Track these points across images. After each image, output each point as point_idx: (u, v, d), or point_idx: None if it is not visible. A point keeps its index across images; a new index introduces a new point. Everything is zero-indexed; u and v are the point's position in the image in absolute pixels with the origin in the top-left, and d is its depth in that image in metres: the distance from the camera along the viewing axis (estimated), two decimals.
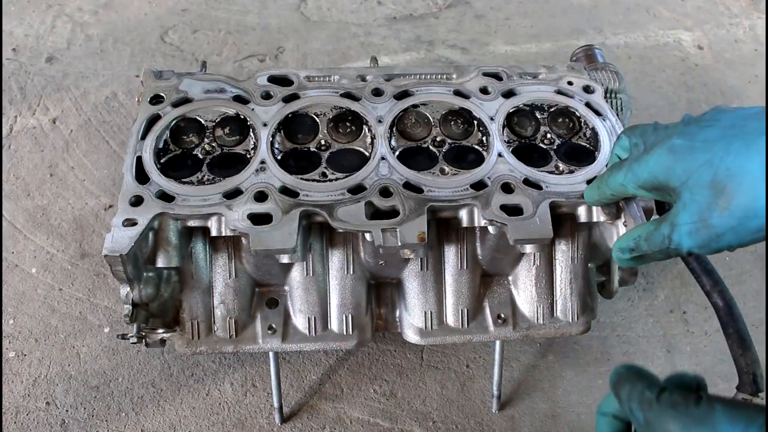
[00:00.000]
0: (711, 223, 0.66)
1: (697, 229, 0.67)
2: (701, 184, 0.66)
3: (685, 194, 0.69)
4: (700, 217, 0.66)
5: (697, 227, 0.67)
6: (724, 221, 0.65)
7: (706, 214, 0.66)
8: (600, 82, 1.29)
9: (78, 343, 1.39)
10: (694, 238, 0.68)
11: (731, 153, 0.64)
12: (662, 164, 0.72)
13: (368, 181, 1.10)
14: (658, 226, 0.75)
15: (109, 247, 0.98)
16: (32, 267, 1.50)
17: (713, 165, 0.65)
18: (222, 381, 1.35)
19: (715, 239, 0.66)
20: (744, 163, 0.63)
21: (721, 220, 0.65)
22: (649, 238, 0.77)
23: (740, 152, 0.64)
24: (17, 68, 1.90)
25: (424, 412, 1.33)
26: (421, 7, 2.21)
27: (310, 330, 1.17)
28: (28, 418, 1.29)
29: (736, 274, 1.57)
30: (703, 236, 0.67)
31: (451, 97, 1.24)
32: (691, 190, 0.68)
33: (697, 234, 0.68)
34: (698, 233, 0.67)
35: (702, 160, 0.67)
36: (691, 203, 0.68)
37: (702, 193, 0.66)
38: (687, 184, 0.68)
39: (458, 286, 1.18)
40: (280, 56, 2.01)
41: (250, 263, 1.14)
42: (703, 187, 0.66)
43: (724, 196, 0.64)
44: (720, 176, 0.64)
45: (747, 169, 0.62)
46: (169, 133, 1.18)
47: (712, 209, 0.65)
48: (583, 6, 2.25)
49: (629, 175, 0.79)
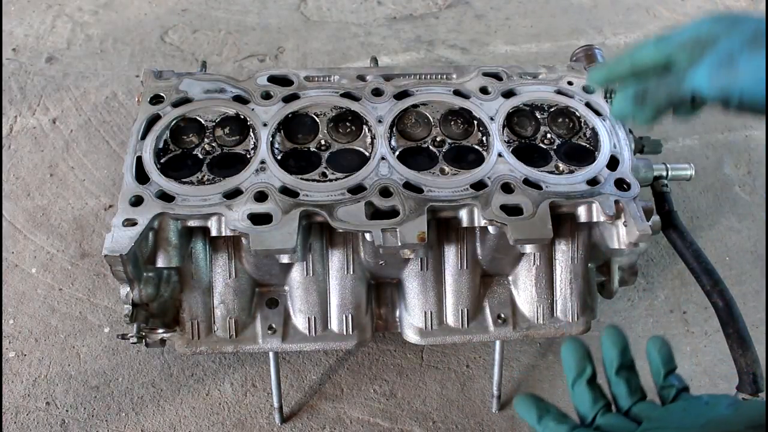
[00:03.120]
0: (737, 59, 0.64)
1: (720, 64, 0.64)
2: (743, 31, 0.65)
3: (722, 39, 0.67)
4: (729, 54, 0.65)
5: (721, 61, 0.65)
6: (750, 62, 0.63)
7: (737, 52, 0.64)
8: None
9: (78, 343, 1.39)
10: (714, 70, 0.65)
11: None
12: (707, 22, 0.69)
13: (368, 181, 1.10)
14: (673, 62, 0.71)
15: (109, 247, 0.98)
16: (32, 267, 1.50)
17: (758, 28, 0.65)
18: (222, 381, 1.35)
19: (733, 77, 0.63)
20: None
21: (748, 60, 0.63)
22: (662, 75, 0.71)
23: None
24: (17, 68, 1.90)
25: (424, 412, 1.33)
26: (421, 7, 2.21)
27: (310, 330, 1.17)
28: (28, 418, 1.29)
29: (736, 274, 1.57)
30: (723, 70, 0.64)
31: (451, 97, 1.24)
32: (729, 35, 0.66)
33: (719, 67, 0.64)
34: (720, 66, 0.64)
35: (750, 20, 0.67)
36: (725, 43, 0.66)
37: (740, 36, 0.65)
38: (729, 32, 0.67)
39: (458, 286, 1.18)
40: (280, 56, 2.01)
41: (250, 263, 1.14)
42: (743, 32, 0.65)
43: (761, 41, 0.63)
44: (761, 29, 0.64)
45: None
46: (169, 133, 1.18)
47: (744, 49, 0.64)
48: (583, 6, 2.25)
49: (661, 43, 0.73)
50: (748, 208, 1.71)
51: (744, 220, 1.68)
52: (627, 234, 1.08)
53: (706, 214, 1.69)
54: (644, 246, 1.10)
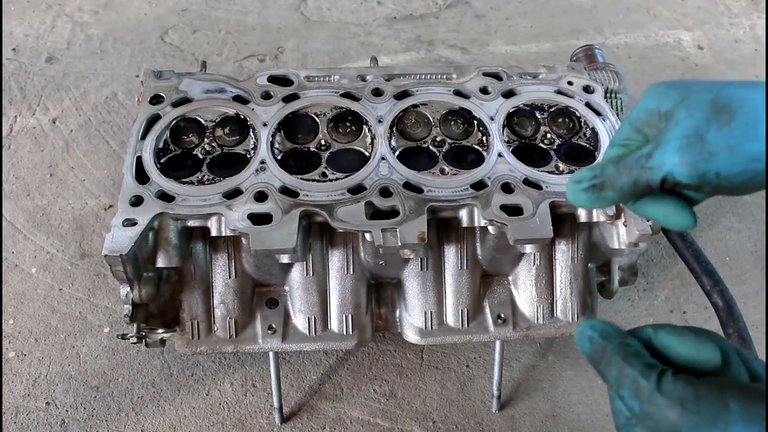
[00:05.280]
0: (707, 138, 0.58)
1: (689, 144, 0.59)
2: (700, 101, 0.60)
3: (680, 111, 0.61)
4: (696, 132, 0.59)
5: (689, 141, 0.59)
6: (721, 138, 0.57)
7: (703, 129, 0.59)
8: (600, 82, 1.29)
9: (78, 343, 1.39)
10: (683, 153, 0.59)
11: (731, 85, 0.60)
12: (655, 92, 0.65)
13: (368, 181, 1.10)
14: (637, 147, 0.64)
15: (109, 247, 0.98)
16: (32, 267, 1.50)
17: (713, 90, 0.60)
18: (222, 381, 1.35)
19: (706, 158, 0.58)
20: (745, 91, 0.59)
21: (718, 137, 0.57)
22: (622, 158, 0.63)
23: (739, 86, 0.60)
24: (17, 68, 1.90)
25: (424, 412, 1.33)
26: (421, 7, 2.21)
27: (310, 330, 1.17)
28: (28, 418, 1.28)
29: (736, 274, 1.57)
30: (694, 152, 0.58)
31: (451, 97, 1.24)
32: (687, 107, 0.61)
33: (688, 149, 0.59)
34: (689, 147, 0.59)
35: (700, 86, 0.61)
36: (686, 119, 0.60)
37: (700, 109, 0.60)
38: (683, 103, 0.61)
39: (458, 286, 1.18)
40: (280, 56, 2.01)
41: (250, 263, 1.14)
42: (701, 103, 0.60)
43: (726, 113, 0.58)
44: (721, 98, 0.59)
45: (748, 96, 0.58)
46: (169, 133, 1.18)
47: (710, 124, 0.58)
48: (583, 6, 2.25)
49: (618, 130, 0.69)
50: (748, 208, 1.71)
51: (744, 220, 1.68)
52: (627, 234, 1.08)
53: (706, 214, 1.69)
54: (644, 246, 1.10)
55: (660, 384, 0.54)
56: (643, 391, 0.55)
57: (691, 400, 0.53)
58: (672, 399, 0.53)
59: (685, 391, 0.53)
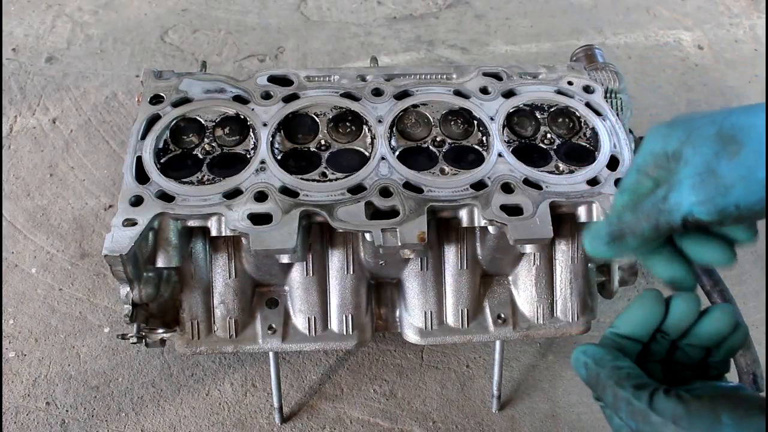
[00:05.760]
0: (719, 172, 0.57)
1: (703, 181, 0.58)
2: (705, 136, 0.59)
3: (687, 150, 0.60)
4: (707, 168, 0.58)
5: (702, 178, 0.58)
6: (733, 170, 0.56)
7: (714, 164, 0.58)
8: (600, 82, 1.29)
9: (78, 343, 1.39)
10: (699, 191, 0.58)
11: (733, 114, 0.59)
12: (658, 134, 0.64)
13: (368, 181, 1.10)
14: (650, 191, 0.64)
15: (109, 247, 0.98)
16: (32, 267, 1.50)
17: (716, 122, 0.59)
18: (222, 381, 1.35)
19: (722, 192, 0.57)
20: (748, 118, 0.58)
21: (730, 169, 0.56)
22: (638, 204, 0.63)
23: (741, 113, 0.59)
24: (17, 68, 1.90)
25: (424, 412, 1.33)
26: (421, 7, 2.21)
27: (310, 330, 1.17)
28: (28, 418, 1.28)
29: (736, 274, 1.57)
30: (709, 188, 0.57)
31: (451, 97, 1.24)
32: (693, 144, 0.60)
33: (703, 186, 0.58)
34: (704, 184, 0.58)
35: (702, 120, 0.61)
36: (694, 156, 0.59)
37: (707, 144, 0.59)
38: (689, 140, 0.61)
39: (458, 286, 1.18)
40: (280, 56, 2.01)
41: (250, 263, 1.14)
42: (707, 138, 0.59)
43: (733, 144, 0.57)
44: (725, 129, 0.58)
45: (752, 122, 0.57)
46: (169, 133, 1.18)
47: (720, 157, 0.57)
48: (583, 6, 2.25)
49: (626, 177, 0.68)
50: None
51: None
52: None
53: None
54: None
55: (652, 403, 0.56)
56: (638, 411, 0.57)
57: (683, 417, 0.54)
58: (665, 417, 0.55)
59: (676, 408, 0.55)
